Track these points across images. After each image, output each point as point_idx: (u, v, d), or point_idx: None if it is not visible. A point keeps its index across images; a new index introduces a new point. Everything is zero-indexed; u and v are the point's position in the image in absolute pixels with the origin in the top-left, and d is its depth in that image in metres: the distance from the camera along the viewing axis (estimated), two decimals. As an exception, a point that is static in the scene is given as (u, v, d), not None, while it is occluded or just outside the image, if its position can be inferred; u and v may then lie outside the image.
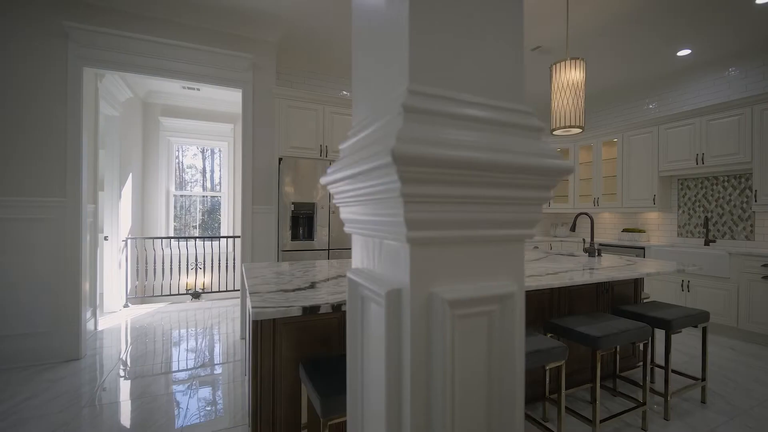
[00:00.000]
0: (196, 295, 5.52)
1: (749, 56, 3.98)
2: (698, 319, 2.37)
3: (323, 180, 0.61)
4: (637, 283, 2.89)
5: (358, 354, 0.58)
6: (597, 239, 5.14)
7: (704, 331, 2.45)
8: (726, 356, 3.20)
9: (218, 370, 2.93)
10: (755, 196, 3.65)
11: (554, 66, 2.83)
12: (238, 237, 5.53)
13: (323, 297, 1.54)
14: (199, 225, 6.27)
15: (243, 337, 3.66)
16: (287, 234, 3.55)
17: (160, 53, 3.38)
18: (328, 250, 3.73)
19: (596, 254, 3.09)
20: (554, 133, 2.85)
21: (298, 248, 3.60)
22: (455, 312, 0.44)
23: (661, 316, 2.29)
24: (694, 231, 4.40)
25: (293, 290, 1.67)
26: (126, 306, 4.79)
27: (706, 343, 2.44)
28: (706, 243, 4.16)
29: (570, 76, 2.74)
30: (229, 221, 6.19)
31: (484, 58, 0.48)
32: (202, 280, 5.75)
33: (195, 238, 5.65)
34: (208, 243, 5.76)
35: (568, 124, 2.75)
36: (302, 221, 3.64)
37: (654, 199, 4.50)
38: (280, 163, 3.77)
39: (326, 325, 1.79)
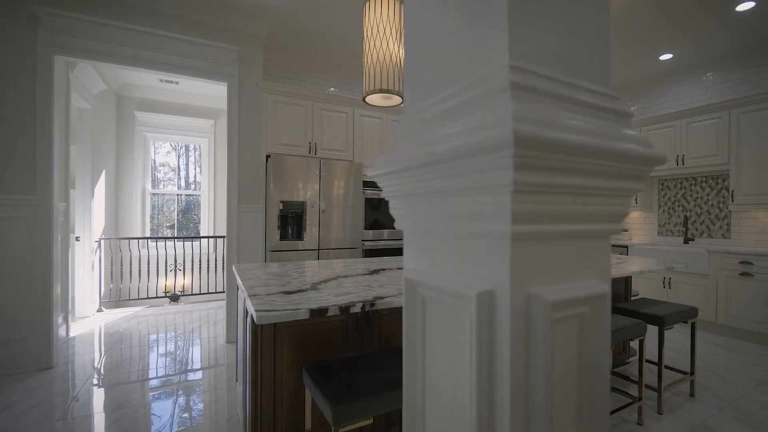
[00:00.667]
0: (174, 298, 5.29)
1: (728, 61, 4.14)
2: (688, 315, 2.43)
3: (380, 171, 0.54)
4: (627, 281, 2.94)
5: (417, 360, 0.52)
6: (580, 238, 5.24)
7: (693, 326, 2.51)
8: (709, 350, 3.31)
9: (202, 376, 2.78)
10: (732, 197, 3.80)
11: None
12: (221, 237, 5.33)
13: (328, 299, 1.47)
14: (174, 225, 6.01)
15: (230, 341, 3.51)
16: (275, 234, 3.43)
17: (138, 42, 3.19)
18: (318, 250, 3.63)
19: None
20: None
21: (287, 248, 3.49)
22: (555, 315, 0.39)
23: (654, 313, 2.32)
24: (673, 230, 4.56)
25: (295, 292, 1.58)
26: (100, 310, 4.53)
27: (695, 338, 2.51)
28: (686, 241, 4.31)
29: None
30: (209, 221, 5.97)
31: (581, 39, 0.43)
32: (182, 282, 5.52)
33: (175, 238, 5.41)
34: (186, 244, 5.53)
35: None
36: (291, 220, 3.53)
37: (636, 199, 4.63)
38: (267, 161, 3.64)
39: (329, 327, 1.71)
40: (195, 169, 6.25)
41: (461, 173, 0.39)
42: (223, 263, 5.51)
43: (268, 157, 3.67)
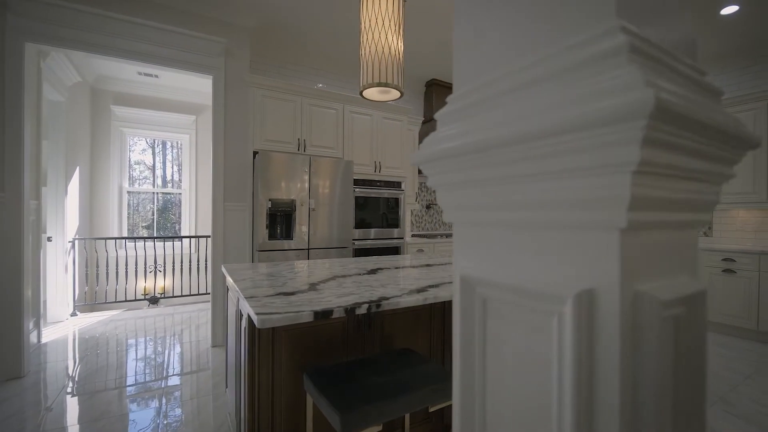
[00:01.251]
0: (154, 301, 5.07)
1: (712, 63, 4.26)
2: (681, 311, 2.46)
3: (431, 156, 0.47)
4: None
5: (475, 367, 0.46)
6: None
7: (685, 323, 2.55)
8: (693, 346, 3.39)
9: (186, 382, 2.65)
10: (714, 195, 3.90)
11: None
12: (204, 237, 5.15)
13: (330, 300, 1.39)
14: (151, 225, 5.76)
15: (216, 345, 3.37)
16: (264, 233, 3.31)
17: (117, 31, 3.02)
18: (308, 249, 3.53)
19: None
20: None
21: (276, 248, 3.37)
22: (664, 314, 0.33)
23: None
24: (657, 228, 4.66)
25: (294, 293, 1.50)
26: (74, 314, 4.28)
27: (686, 335, 2.54)
28: (669, 239, 4.41)
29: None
30: (190, 220, 5.76)
31: (675, 3, 0.38)
32: (162, 284, 5.30)
33: (155, 238, 5.19)
34: (166, 244, 5.32)
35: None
36: (280, 219, 3.41)
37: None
38: (254, 158, 3.51)
39: (329, 329, 1.63)
40: (173, 167, 6.01)
41: (557, 152, 0.33)
42: (206, 264, 5.33)
43: (255, 153, 3.55)
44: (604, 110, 0.29)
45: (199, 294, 5.16)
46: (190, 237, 5.23)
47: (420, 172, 4.75)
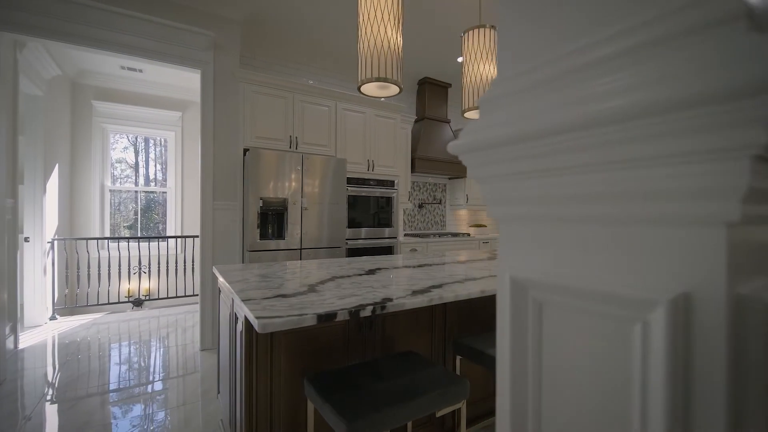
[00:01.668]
0: (138, 303, 4.91)
1: None
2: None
3: (470, 140, 0.42)
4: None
5: (529, 378, 0.41)
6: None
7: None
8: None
9: (175, 388, 2.55)
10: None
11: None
12: (191, 237, 5.01)
13: (332, 302, 1.34)
14: (133, 225, 5.57)
15: (205, 348, 3.27)
16: (255, 232, 3.22)
17: (99, 21, 2.88)
18: (301, 249, 3.45)
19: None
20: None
21: (268, 248, 3.28)
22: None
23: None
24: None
25: (293, 295, 1.43)
26: (53, 318, 4.10)
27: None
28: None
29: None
30: (176, 220, 5.60)
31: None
32: (146, 285, 5.13)
33: (139, 238, 5.02)
34: (152, 244, 5.15)
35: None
36: (272, 218, 3.33)
37: (611, 197, 4.77)
38: (245, 155, 3.42)
39: (330, 332, 1.57)
40: (156, 165, 5.83)
41: (652, 135, 0.29)
42: (193, 265, 5.18)
43: (245, 151, 3.45)
44: (721, 82, 0.24)
45: (185, 296, 5.02)
46: (176, 237, 5.08)
47: (413, 170, 4.71)
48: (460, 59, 4.46)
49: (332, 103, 3.87)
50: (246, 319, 1.37)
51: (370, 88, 2.11)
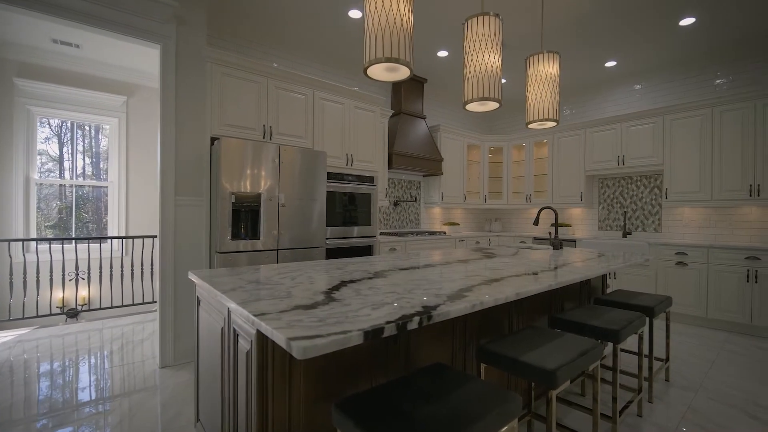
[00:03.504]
0: (72, 314, 4.26)
1: (670, 70, 4.56)
2: (667, 304, 2.53)
3: None
4: (605, 275, 3.02)
5: None
6: (529, 233, 5.46)
7: (668, 315, 2.63)
8: (656, 334, 3.59)
9: (135, 415, 2.15)
10: (666, 194, 4.21)
11: (530, 58, 2.77)
12: (142, 237, 4.43)
13: (366, 313, 1.12)
14: (57, 224, 4.81)
15: (166, 365, 2.84)
16: (225, 232, 2.86)
17: (34, -23, 2.38)
18: (278, 250, 3.13)
19: (560, 247, 3.16)
20: (530, 126, 2.80)
21: (241, 249, 2.93)
22: None
23: (643, 304, 2.36)
24: (612, 224, 4.95)
25: (312, 306, 1.19)
26: (-37, 337, 3.39)
27: (669, 327, 2.63)
28: (624, 235, 4.70)
29: (546, 70, 2.72)
30: (120, 218, 4.95)
31: None
32: (84, 293, 4.47)
33: (75, 239, 4.34)
34: (92, 246, 4.49)
35: (543, 117, 2.72)
36: (244, 216, 2.97)
37: (581, 196, 4.93)
38: (212, 145, 3.04)
39: (353, 351, 1.34)
40: (86, 158, 5.09)
41: None
42: (142, 269, 4.60)
43: (213, 140, 3.06)
44: None
45: (134, 304, 4.44)
46: (125, 237, 4.47)
47: (390, 166, 4.53)
48: (442, 53, 4.35)
49: (309, 92, 3.58)
50: (258, 337, 1.11)
51: (377, 71, 1.89)
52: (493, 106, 2.38)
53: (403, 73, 1.90)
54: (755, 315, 3.47)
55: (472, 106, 2.41)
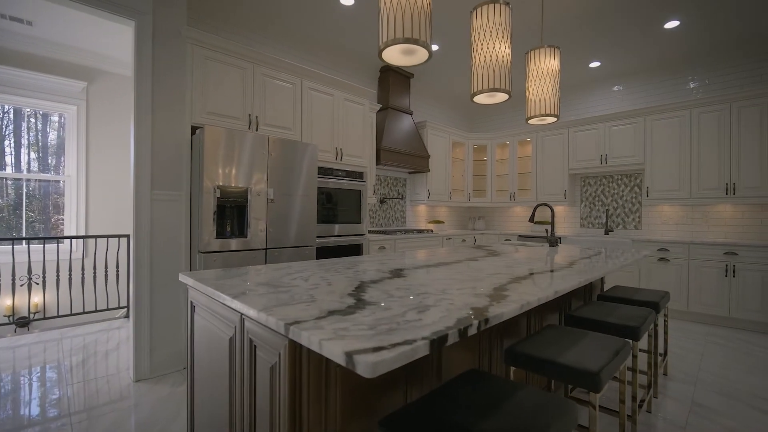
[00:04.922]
0: (23, 324, 3.81)
1: (651, 71, 4.69)
2: (667, 299, 2.56)
3: None
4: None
5: None
6: (513, 231, 5.49)
7: (666, 310, 2.66)
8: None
9: (116, 439, 1.88)
10: (647, 192, 4.34)
11: (530, 53, 2.73)
12: (105, 237, 4.03)
13: (414, 318, 0.98)
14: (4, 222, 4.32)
15: (141, 379, 2.55)
16: (210, 230, 2.61)
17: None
18: (266, 249, 2.91)
19: (557, 243, 3.15)
20: (530, 122, 2.75)
21: (227, 248, 2.69)
22: None
23: (649, 300, 2.36)
24: (594, 222, 5.06)
25: (348, 311, 1.03)
26: None
27: (667, 321, 2.66)
28: (606, 232, 4.81)
29: (546, 64, 2.68)
30: (78, 216, 4.50)
31: None
32: (37, 300, 4.01)
33: (28, 239, 3.87)
34: (48, 246, 4.04)
35: (544, 112, 2.68)
36: (230, 212, 2.73)
37: (565, 194, 5.00)
38: (193, 134, 2.77)
39: (390, 358, 1.18)
40: (27, 151, 4.60)
41: None
42: (106, 271, 4.19)
43: (194, 129, 2.80)
44: None
45: (97, 311, 4.03)
46: (89, 237, 4.05)
47: (378, 162, 4.38)
48: (435, 47, 4.25)
49: (297, 81, 3.37)
50: (290, 349, 0.94)
51: (393, 54, 1.75)
52: (502, 97, 2.30)
53: (421, 56, 1.76)
54: (733, 308, 3.62)
55: (481, 98, 2.32)
